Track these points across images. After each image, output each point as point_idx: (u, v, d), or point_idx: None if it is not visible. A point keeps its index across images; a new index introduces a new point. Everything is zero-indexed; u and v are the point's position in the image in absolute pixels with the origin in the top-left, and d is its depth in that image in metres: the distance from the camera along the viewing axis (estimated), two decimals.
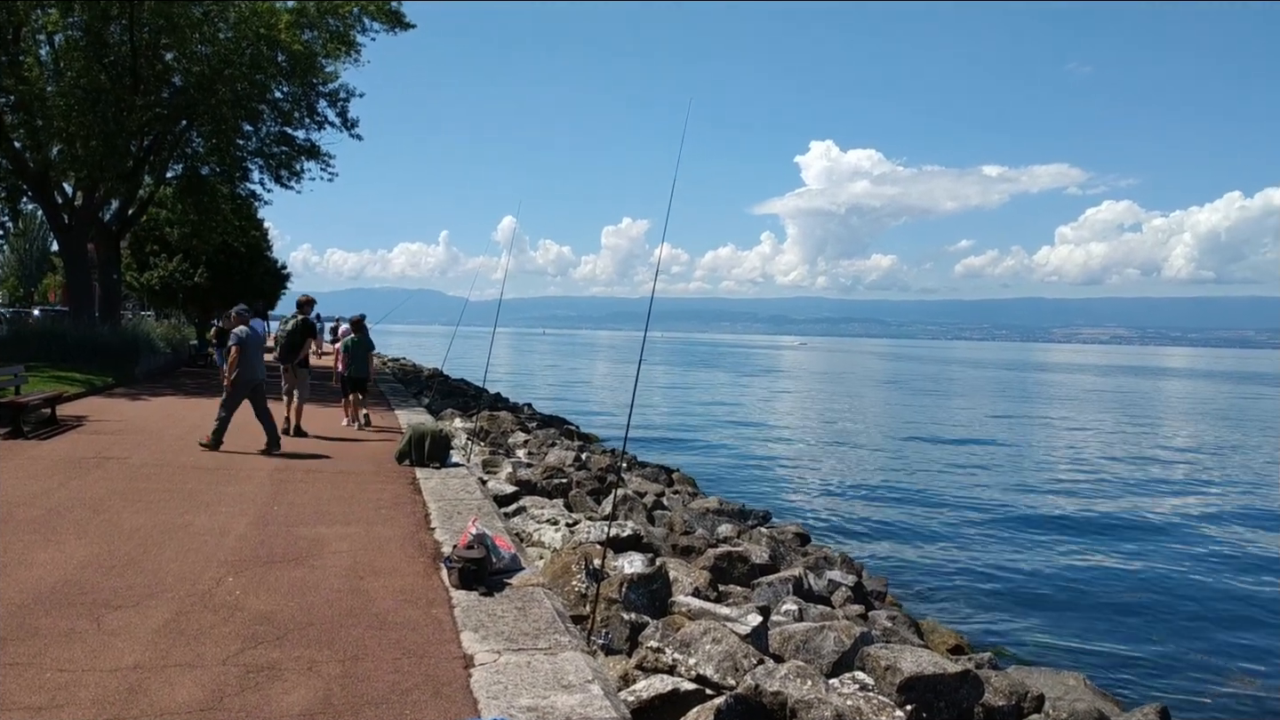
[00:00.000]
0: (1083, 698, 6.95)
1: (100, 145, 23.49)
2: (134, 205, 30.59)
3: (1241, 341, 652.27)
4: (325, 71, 27.41)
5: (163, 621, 5.52)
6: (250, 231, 36.55)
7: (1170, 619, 11.58)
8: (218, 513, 8.58)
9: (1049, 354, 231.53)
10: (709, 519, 12.81)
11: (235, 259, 37.62)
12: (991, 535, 16.09)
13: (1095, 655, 10.14)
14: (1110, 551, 15.21)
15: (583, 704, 4.54)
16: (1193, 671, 9.72)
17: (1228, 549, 15.75)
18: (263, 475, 10.69)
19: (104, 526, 7.84)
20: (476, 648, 5.29)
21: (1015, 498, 20.03)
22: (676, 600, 7.16)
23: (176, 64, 25.95)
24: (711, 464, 23.92)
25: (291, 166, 29.91)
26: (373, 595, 6.24)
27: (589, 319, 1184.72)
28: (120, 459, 11.39)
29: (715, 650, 5.59)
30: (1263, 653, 10.45)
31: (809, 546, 12.48)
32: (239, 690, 4.56)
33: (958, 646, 9.10)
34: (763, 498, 18.56)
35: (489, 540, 6.90)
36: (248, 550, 7.26)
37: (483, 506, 9.43)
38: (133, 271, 37.00)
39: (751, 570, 9.39)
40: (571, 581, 6.88)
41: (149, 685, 4.59)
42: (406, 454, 11.93)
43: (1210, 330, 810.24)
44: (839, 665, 6.23)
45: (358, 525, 8.33)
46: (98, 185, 26.43)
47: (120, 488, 9.60)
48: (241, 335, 12.55)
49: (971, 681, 5.87)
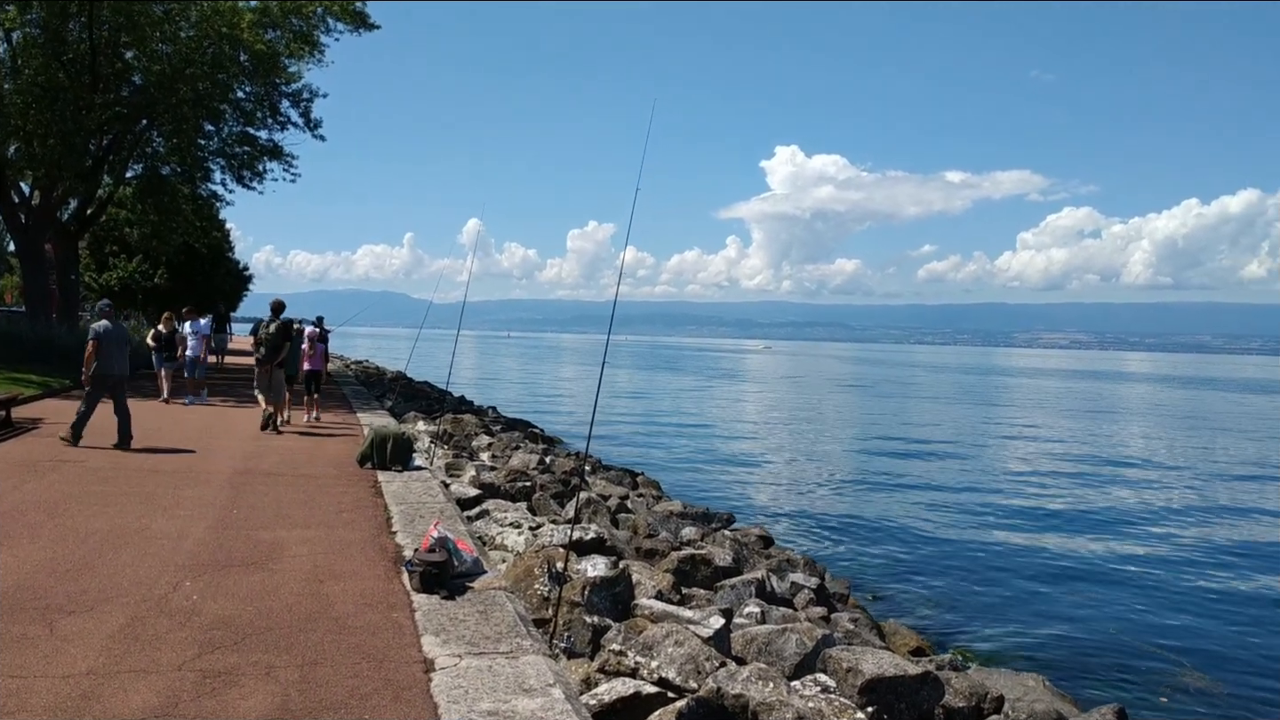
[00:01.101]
0: (1041, 698, 7.03)
1: (58, 144, 23.14)
2: (93, 205, 30.20)
3: (1198, 346, 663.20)
4: (288, 71, 27.20)
5: (118, 627, 5.44)
6: (212, 232, 36.19)
7: (1130, 620, 11.72)
8: (176, 516, 8.47)
9: (1010, 358, 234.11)
10: (673, 522, 12.83)
11: (196, 260, 37.27)
12: (954, 538, 16.23)
13: (1055, 657, 10.24)
14: (1071, 554, 15.38)
15: (544, 708, 4.52)
16: (1151, 672, 9.85)
17: (1189, 550, 15.98)
18: (222, 478, 10.57)
19: (59, 530, 7.71)
20: (437, 652, 5.26)
21: (978, 501, 20.22)
22: (639, 603, 7.15)
23: (136, 62, 25.64)
24: (676, 467, 23.93)
25: (254, 167, 29.66)
26: (332, 599, 6.18)
27: (554, 322, 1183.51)
28: (77, 461, 11.21)
29: (677, 653, 5.60)
30: (1219, 651, 10.61)
31: (772, 549, 12.52)
32: (195, 696, 4.50)
33: (919, 648, 9.17)
34: (727, 501, 18.60)
35: (451, 543, 6.87)
36: (206, 554, 7.17)
37: (445, 510, 9.38)
38: (91, 272, 36.52)
39: (715, 573, 9.41)
40: (534, 585, 6.86)
41: (103, 691, 4.51)
42: (368, 457, 11.84)
43: (1167, 335, 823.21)
44: (801, 667, 6.26)
45: (318, 529, 8.25)
46: (55, 184, 26.03)
47: (76, 491, 9.45)
48: (99, 330, 12.56)
49: (932, 683, 5.92)
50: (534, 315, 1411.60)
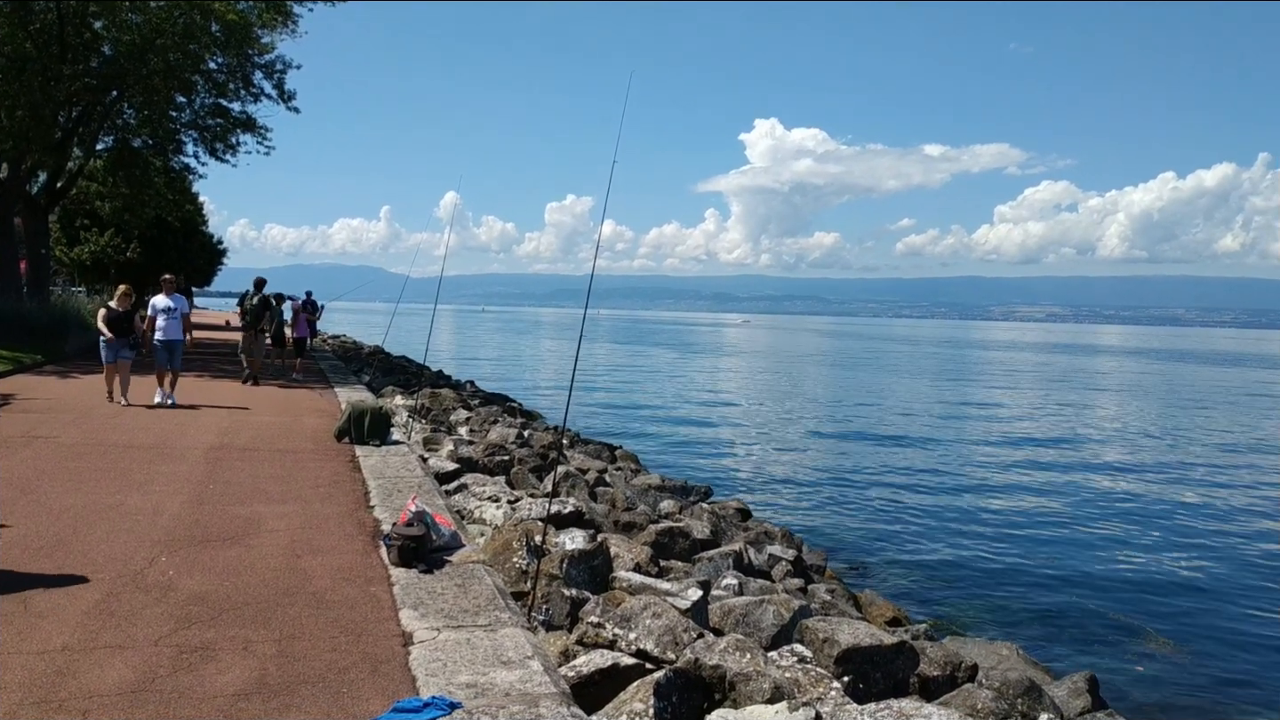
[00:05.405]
0: (1015, 667, 7.11)
1: (26, 115, 22.73)
2: (63, 178, 29.75)
3: (1172, 320, 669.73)
4: (261, 42, 26.76)
5: (93, 603, 5.41)
6: (184, 206, 35.75)
7: (1103, 590, 11.87)
8: (151, 492, 8.42)
9: (987, 331, 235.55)
10: (651, 495, 12.86)
11: (169, 234, 36.84)
12: (930, 510, 16.36)
13: (1029, 626, 10.38)
14: (1046, 524, 15.56)
15: (522, 680, 4.54)
16: (1122, 640, 9.99)
17: (1160, 521, 16.18)
18: (198, 454, 10.50)
19: (32, 506, 7.64)
20: (415, 625, 5.26)
21: (953, 473, 20.38)
22: (617, 576, 7.18)
23: (106, 32, 25.16)
24: (654, 441, 24.00)
25: (226, 139, 29.27)
26: (310, 574, 6.17)
27: (532, 296, 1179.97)
28: (49, 438, 11.10)
29: (655, 625, 5.62)
30: (1189, 620, 10.78)
31: (750, 522, 12.59)
32: (171, 671, 4.49)
33: (895, 619, 9.26)
34: (704, 474, 18.66)
35: (429, 518, 6.86)
36: (182, 530, 7.13)
37: (423, 484, 9.37)
38: (62, 246, 36.04)
39: (693, 546, 9.45)
40: (512, 558, 6.86)
41: (78, 667, 4.50)
42: (346, 432, 11.80)
43: (1142, 309, 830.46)
44: (778, 638, 6.31)
45: (295, 503, 8.22)
46: (24, 157, 25.59)
47: (49, 467, 9.37)
48: None
49: (907, 653, 5.98)
50: (512, 289, 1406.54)
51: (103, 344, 14.60)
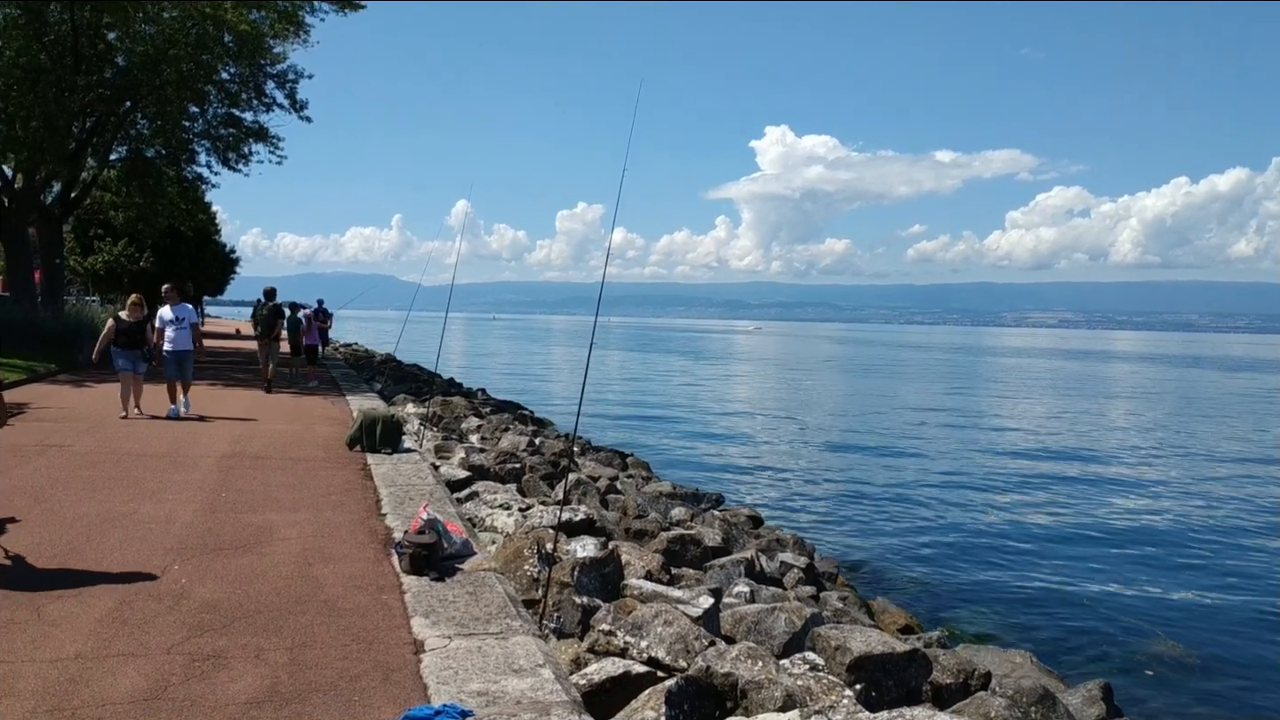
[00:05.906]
0: (1029, 674, 7.07)
1: (40, 126, 22.92)
2: (77, 188, 29.96)
3: (1185, 325, 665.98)
4: (273, 52, 26.95)
5: (105, 611, 5.43)
6: (197, 215, 35.94)
7: (1116, 598, 11.81)
8: (164, 500, 8.44)
9: (999, 338, 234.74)
10: (662, 503, 12.85)
11: (182, 243, 37.03)
12: (943, 518, 16.31)
13: (1042, 634, 10.32)
14: (1058, 533, 15.48)
15: (534, 688, 4.54)
16: (1136, 648, 9.92)
17: (1173, 528, 16.09)
18: (210, 462, 10.53)
19: (45, 515, 7.68)
20: (427, 633, 5.26)
21: (966, 481, 20.31)
22: (629, 584, 7.16)
23: (119, 43, 25.38)
24: (665, 448, 23.98)
25: (239, 149, 29.46)
26: (322, 582, 6.18)
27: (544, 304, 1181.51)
28: (63, 446, 11.15)
29: (667, 633, 5.61)
30: (1205, 629, 10.70)
31: (761, 529, 12.56)
32: (184, 679, 4.50)
33: (908, 626, 9.22)
34: (716, 481, 18.65)
35: (440, 525, 6.86)
36: (194, 538, 7.15)
37: (435, 492, 9.38)
38: (76, 256, 36.25)
39: (704, 553, 9.43)
40: (523, 566, 6.86)
41: (91, 675, 4.51)
42: (357, 440, 11.82)
43: (1155, 314, 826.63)
44: (790, 646, 6.28)
45: (307, 511, 8.24)
46: (38, 167, 25.81)
47: (63, 476, 9.41)
48: None
49: (920, 660, 5.95)
50: (523, 297, 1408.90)
51: (115, 353, 14.20)
